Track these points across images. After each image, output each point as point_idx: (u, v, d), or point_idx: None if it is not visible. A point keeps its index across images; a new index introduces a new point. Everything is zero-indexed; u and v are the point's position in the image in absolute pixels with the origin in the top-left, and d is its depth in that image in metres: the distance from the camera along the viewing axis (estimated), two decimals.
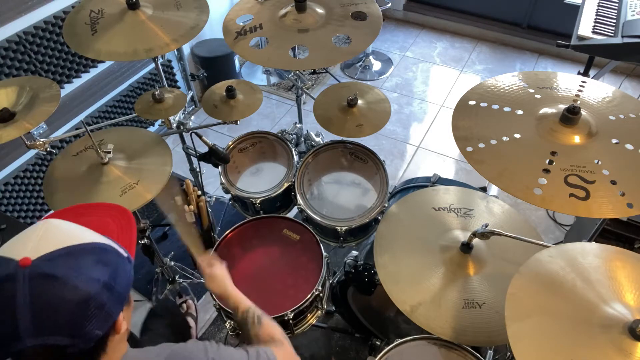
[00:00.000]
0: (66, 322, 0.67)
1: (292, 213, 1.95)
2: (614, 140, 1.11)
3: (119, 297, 0.73)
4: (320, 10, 1.68)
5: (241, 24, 1.68)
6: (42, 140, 1.46)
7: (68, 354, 0.68)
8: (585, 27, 2.09)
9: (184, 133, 1.94)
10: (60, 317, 0.66)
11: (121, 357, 0.80)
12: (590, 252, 0.99)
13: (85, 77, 2.50)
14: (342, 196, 1.88)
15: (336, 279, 1.72)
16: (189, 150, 2.03)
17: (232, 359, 0.89)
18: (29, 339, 0.65)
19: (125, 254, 0.78)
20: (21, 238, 0.71)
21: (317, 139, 2.11)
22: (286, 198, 1.92)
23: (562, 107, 1.14)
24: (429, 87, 3.52)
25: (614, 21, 2.09)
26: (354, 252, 1.68)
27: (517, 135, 1.14)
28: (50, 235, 0.70)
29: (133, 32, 1.54)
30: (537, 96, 1.24)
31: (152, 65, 2.82)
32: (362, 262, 1.63)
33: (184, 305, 2.20)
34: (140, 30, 1.55)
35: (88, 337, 0.69)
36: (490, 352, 1.33)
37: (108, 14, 1.59)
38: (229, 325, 1.57)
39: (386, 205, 1.75)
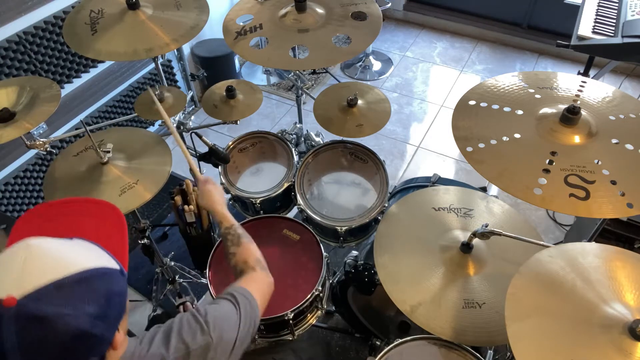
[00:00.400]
0: (59, 359, 0.64)
1: (292, 213, 1.95)
2: (614, 140, 1.11)
3: (114, 320, 0.71)
4: (320, 10, 1.68)
5: (241, 24, 1.68)
6: (42, 140, 1.46)
7: None
8: (585, 27, 2.09)
9: (184, 133, 1.94)
10: (52, 356, 0.63)
11: (123, 353, 0.79)
12: (590, 252, 0.99)
13: (85, 77, 2.50)
14: (342, 196, 1.87)
15: (336, 279, 1.72)
16: (189, 150, 2.03)
17: (222, 312, 0.90)
18: None
19: (117, 267, 0.74)
20: (1, 268, 0.65)
21: (317, 139, 2.11)
22: (286, 198, 1.92)
23: (562, 107, 1.14)
24: (429, 87, 3.52)
25: (614, 21, 2.09)
26: (354, 252, 1.68)
27: (517, 135, 1.14)
28: (34, 266, 0.65)
29: (133, 32, 1.54)
30: (537, 96, 1.24)
31: (152, 65, 2.82)
32: (362, 262, 1.63)
33: (181, 307, 2.20)
34: (140, 30, 1.55)
35: None
36: (490, 352, 1.33)
37: (108, 14, 1.59)
38: None
39: (386, 205, 1.75)
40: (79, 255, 0.70)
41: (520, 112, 1.20)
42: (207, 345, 0.84)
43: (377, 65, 3.73)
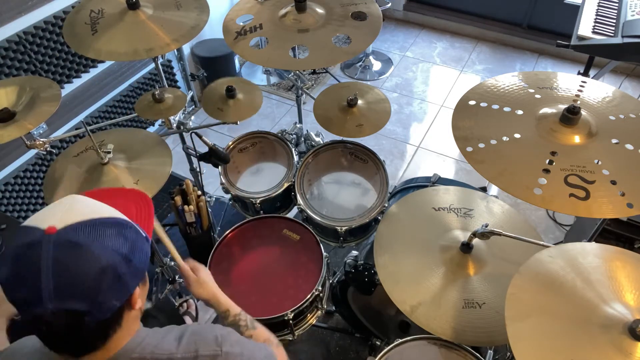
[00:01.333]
0: (86, 288, 0.69)
1: (292, 213, 1.95)
2: (614, 140, 1.11)
3: (136, 271, 0.76)
4: (320, 10, 1.68)
5: (241, 24, 1.68)
6: (42, 140, 1.46)
7: (86, 323, 0.70)
8: (585, 27, 2.09)
9: (184, 133, 1.94)
10: (81, 282, 0.69)
11: (135, 333, 0.82)
12: (590, 252, 0.99)
13: (85, 77, 2.50)
14: (342, 196, 1.87)
15: (336, 279, 1.72)
16: (189, 150, 2.03)
17: (239, 340, 0.90)
18: (50, 303, 0.67)
19: (143, 234, 0.81)
20: (48, 210, 0.74)
21: (317, 139, 2.11)
22: (286, 198, 1.92)
23: (562, 107, 1.14)
24: (429, 87, 3.52)
25: (614, 21, 2.09)
26: (354, 252, 1.68)
27: (517, 135, 1.14)
28: (75, 208, 0.74)
29: (133, 32, 1.54)
30: (537, 96, 1.24)
31: (152, 65, 2.82)
32: (362, 262, 1.63)
33: (184, 304, 2.20)
34: (141, 30, 1.55)
35: (106, 307, 0.72)
36: (490, 352, 1.33)
37: (108, 14, 1.58)
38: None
39: (386, 205, 1.75)
40: (114, 211, 0.78)
41: (520, 112, 1.20)
42: (214, 356, 0.85)
43: (377, 65, 3.73)
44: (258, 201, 1.82)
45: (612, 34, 2.02)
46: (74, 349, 0.75)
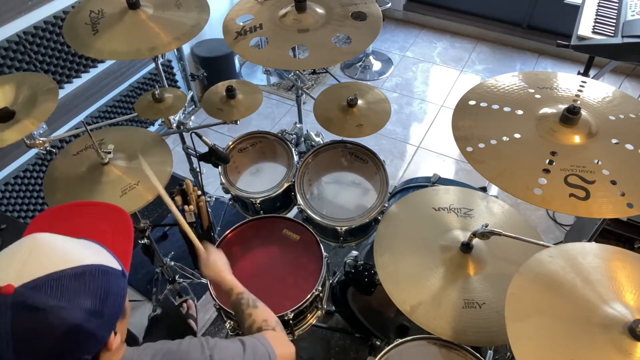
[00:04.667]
0: (51, 352, 0.65)
1: (292, 213, 1.95)
2: (614, 140, 1.11)
3: (109, 319, 0.71)
4: (320, 10, 1.68)
5: (241, 24, 1.68)
6: (42, 139, 1.46)
7: None
8: (585, 27, 2.09)
9: (184, 133, 1.94)
10: (44, 347, 0.64)
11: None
12: (590, 252, 0.99)
13: (85, 77, 2.50)
14: (342, 196, 1.87)
15: (336, 279, 1.72)
16: (189, 150, 2.03)
17: (227, 352, 0.88)
18: None
19: (118, 268, 0.75)
20: (5, 259, 0.67)
21: (317, 139, 2.11)
22: (286, 198, 1.92)
23: (562, 107, 1.14)
24: (429, 87, 3.52)
25: (614, 21, 2.09)
26: (354, 252, 1.68)
27: (517, 135, 1.14)
28: (36, 258, 0.67)
29: (134, 32, 1.54)
30: (537, 96, 1.24)
31: (152, 65, 2.82)
32: (362, 262, 1.63)
33: (184, 305, 2.20)
34: (142, 29, 1.55)
35: None
36: (490, 352, 1.33)
37: (108, 14, 1.59)
38: (229, 325, 1.57)
39: (386, 205, 1.75)
40: (82, 253, 0.71)
41: (520, 112, 1.20)
42: None
43: (377, 65, 3.73)
44: (258, 201, 1.82)
45: (612, 34, 2.02)
46: None
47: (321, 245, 1.64)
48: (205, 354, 0.85)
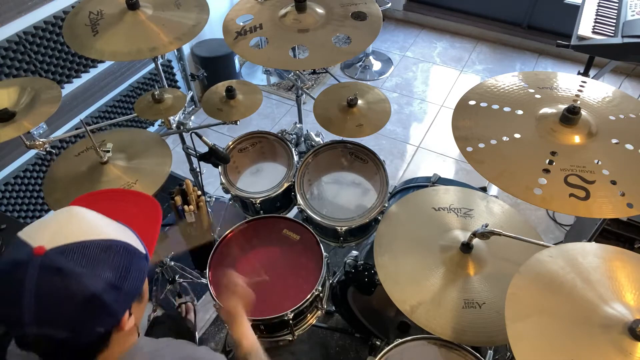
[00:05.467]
0: (68, 317, 0.68)
1: (292, 213, 1.95)
2: (614, 140, 1.11)
3: (127, 296, 0.74)
4: (320, 10, 1.68)
5: (241, 24, 1.68)
6: (41, 140, 1.46)
7: (67, 345, 0.69)
8: (585, 27, 2.09)
9: (184, 133, 1.94)
10: (63, 311, 0.67)
11: (129, 347, 0.81)
12: (590, 252, 0.99)
13: (85, 77, 2.50)
14: (342, 196, 1.87)
15: (336, 279, 1.72)
16: (189, 150, 2.03)
17: None
18: (30, 327, 0.66)
19: (143, 251, 0.79)
20: (42, 223, 0.72)
21: (317, 139, 2.11)
22: (286, 198, 1.92)
23: (562, 107, 1.14)
24: (429, 87, 3.52)
25: (614, 21, 2.09)
26: (354, 252, 1.68)
27: (517, 135, 1.14)
28: (69, 226, 0.71)
29: (134, 32, 1.54)
30: (537, 96, 1.24)
31: (152, 65, 2.82)
32: (362, 262, 1.63)
33: (183, 307, 2.20)
34: (142, 30, 1.55)
35: (88, 333, 0.71)
36: (490, 352, 1.33)
37: (108, 15, 1.58)
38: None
39: (386, 205, 1.75)
40: (111, 229, 0.75)
41: (520, 112, 1.20)
42: None
43: (377, 65, 3.73)
44: (258, 201, 1.81)
45: (612, 34, 2.02)
46: None
47: (321, 245, 1.64)
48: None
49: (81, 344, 0.71)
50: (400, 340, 1.31)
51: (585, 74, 2.19)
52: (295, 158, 1.90)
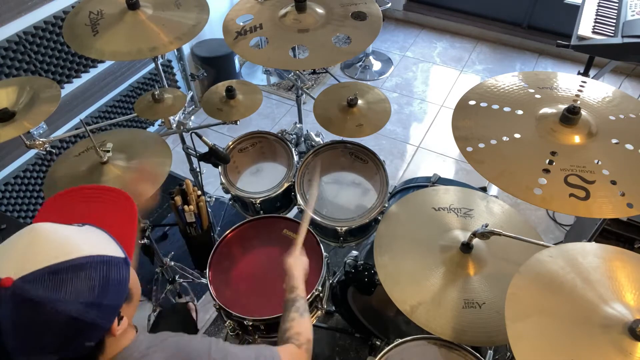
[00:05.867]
0: (53, 342, 0.67)
1: (292, 213, 1.95)
2: (614, 140, 1.11)
3: (109, 308, 0.72)
4: (320, 10, 1.68)
5: (241, 24, 1.68)
6: (41, 140, 1.46)
7: None
8: (585, 27, 2.09)
9: (184, 133, 1.94)
10: (46, 338, 0.66)
11: (128, 343, 0.81)
12: (590, 252, 0.99)
13: (85, 77, 2.50)
14: (342, 196, 1.87)
15: (336, 279, 1.72)
16: (189, 150, 2.03)
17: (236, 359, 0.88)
18: (19, 357, 0.65)
19: (120, 255, 0.76)
20: (5, 251, 0.69)
21: (317, 139, 2.11)
22: (286, 198, 1.92)
23: (562, 107, 1.14)
24: (429, 87, 3.52)
25: (614, 21, 2.09)
26: (354, 252, 1.68)
27: (517, 135, 1.14)
28: (35, 250, 0.68)
29: (134, 32, 1.54)
30: (537, 96, 1.24)
31: (152, 65, 2.82)
32: (362, 262, 1.63)
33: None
34: (142, 30, 1.55)
35: (79, 349, 0.70)
36: (490, 352, 1.33)
37: (108, 14, 1.58)
38: (229, 325, 1.57)
39: (386, 205, 1.75)
40: (83, 242, 0.72)
41: (520, 112, 1.20)
42: None
43: (377, 65, 3.73)
44: (258, 201, 1.81)
45: (612, 34, 2.02)
46: None
47: (321, 245, 1.64)
48: (211, 357, 0.85)
49: (73, 358, 0.70)
50: (400, 340, 1.31)
51: (585, 74, 2.20)
52: (295, 158, 1.90)
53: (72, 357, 0.69)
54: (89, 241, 0.73)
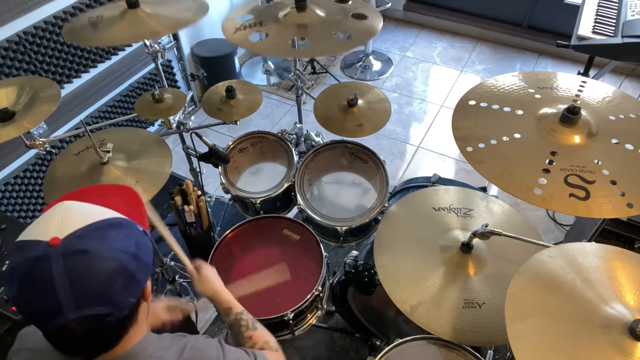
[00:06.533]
0: (103, 292, 0.70)
1: (292, 213, 1.95)
2: (614, 140, 1.11)
3: (145, 265, 0.77)
4: (320, 12, 1.68)
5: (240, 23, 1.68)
6: (41, 140, 1.46)
7: (107, 323, 0.71)
8: (585, 27, 2.09)
9: (184, 133, 1.94)
10: (97, 288, 0.69)
11: (142, 337, 0.82)
12: (590, 252, 0.99)
13: (85, 77, 2.50)
14: (342, 196, 1.87)
15: (336, 279, 1.72)
16: (189, 150, 2.03)
17: (239, 357, 0.91)
18: (71, 312, 0.67)
19: (141, 228, 0.81)
20: (43, 221, 0.73)
21: (317, 139, 2.11)
22: (286, 198, 1.92)
23: (562, 107, 1.13)
24: (429, 87, 3.52)
25: (614, 21, 2.09)
26: (354, 252, 1.68)
27: (517, 135, 1.14)
28: (70, 216, 0.73)
29: (134, 25, 1.54)
30: (537, 96, 1.24)
31: (152, 65, 2.82)
32: (362, 262, 1.63)
33: None
34: (141, 22, 1.55)
35: (124, 305, 0.73)
36: (490, 352, 1.33)
37: (108, 17, 1.58)
38: None
39: (386, 205, 1.75)
40: (108, 211, 0.78)
41: (520, 112, 1.20)
42: None
43: (377, 65, 3.73)
44: (258, 201, 1.81)
45: (612, 34, 2.02)
46: (91, 351, 0.75)
47: (321, 245, 1.64)
48: (219, 354, 0.88)
49: (117, 319, 0.73)
50: (400, 340, 1.31)
51: (585, 74, 2.19)
52: (295, 158, 1.90)
53: (119, 315, 0.72)
54: (113, 211, 0.78)
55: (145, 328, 0.84)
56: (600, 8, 2.20)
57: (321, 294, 1.60)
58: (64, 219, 0.72)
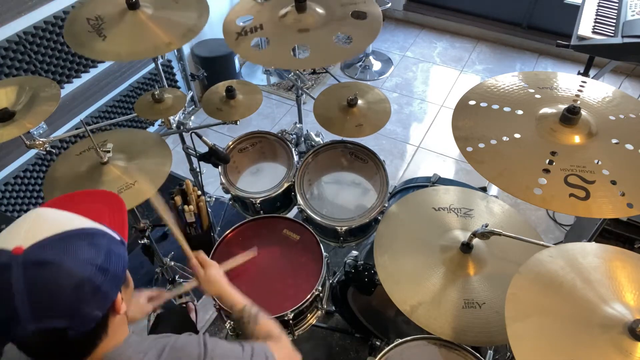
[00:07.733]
0: (64, 305, 0.68)
1: (292, 213, 1.95)
2: (614, 140, 1.11)
3: (114, 278, 0.74)
4: (320, 11, 1.68)
5: (241, 24, 1.68)
6: (41, 140, 1.46)
7: (70, 337, 0.70)
8: (585, 27, 2.09)
9: (184, 133, 1.94)
10: (58, 300, 0.68)
11: (123, 341, 0.81)
12: (590, 252, 0.99)
13: (85, 77, 2.50)
14: (342, 196, 1.87)
15: (336, 279, 1.72)
16: (189, 150, 2.03)
17: (225, 353, 0.89)
18: (29, 324, 0.66)
19: (118, 237, 0.79)
20: (12, 229, 0.72)
21: (317, 139, 2.11)
22: (286, 198, 1.92)
23: (562, 107, 1.14)
24: (429, 87, 3.52)
25: (614, 21, 2.09)
26: (354, 252, 1.68)
27: (517, 135, 1.14)
28: (39, 224, 0.72)
29: (136, 33, 1.54)
30: (537, 96, 1.24)
31: (152, 65, 2.82)
32: (362, 262, 1.63)
33: (184, 306, 2.20)
34: (143, 31, 1.54)
35: (88, 319, 0.71)
36: (490, 352, 1.33)
37: (108, 18, 1.57)
38: (228, 325, 1.57)
39: (386, 205, 1.75)
40: (81, 220, 0.76)
41: (520, 112, 1.20)
42: None
43: (377, 65, 3.73)
44: (258, 201, 1.81)
45: (612, 34, 2.02)
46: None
47: (321, 245, 1.64)
48: (200, 351, 0.85)
49: (82, 332, 0.71)
50: (400, 340, 1.31)
51: (585, 74, 2.19)
52: (295, 158, 1.90)
53: (80, 329, 0.70)
54: (89, 221, 0.77)
55: (123, 335, 0.82)
56: (600, 8, 2.20)
57: (321, 294, 1.60)
58: (32, 227, 0.71)
